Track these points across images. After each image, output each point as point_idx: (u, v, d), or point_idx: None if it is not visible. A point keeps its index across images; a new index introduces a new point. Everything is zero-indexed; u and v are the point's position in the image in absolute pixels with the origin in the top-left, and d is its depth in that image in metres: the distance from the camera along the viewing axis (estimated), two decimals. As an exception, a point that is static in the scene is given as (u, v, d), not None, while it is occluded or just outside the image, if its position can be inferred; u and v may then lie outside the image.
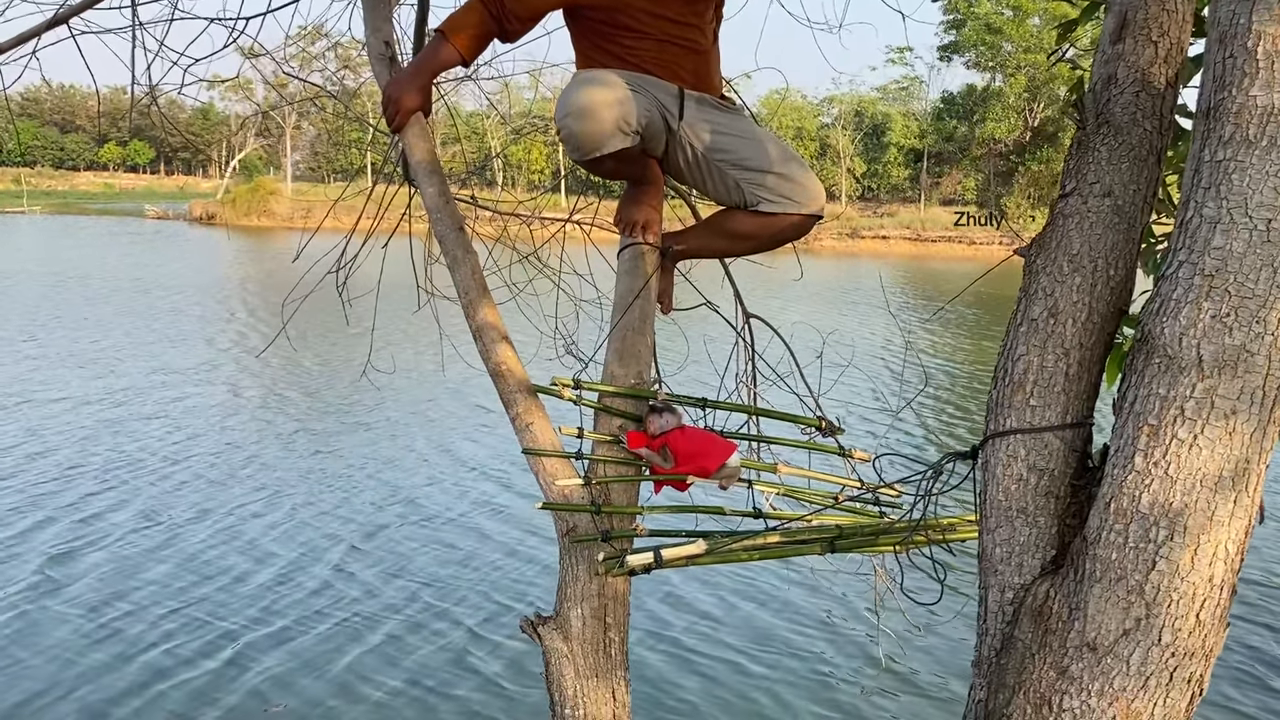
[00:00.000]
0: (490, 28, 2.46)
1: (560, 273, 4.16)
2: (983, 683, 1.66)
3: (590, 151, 2.38)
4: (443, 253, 2.61)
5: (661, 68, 2.51)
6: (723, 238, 2.66)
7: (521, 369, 2.40)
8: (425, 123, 2.81)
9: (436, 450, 12.23)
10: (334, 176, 75.12)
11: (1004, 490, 1.65)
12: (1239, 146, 1.38)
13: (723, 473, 2.31)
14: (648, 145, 2.51)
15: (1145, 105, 1.68)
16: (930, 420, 14.72)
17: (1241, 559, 1.45)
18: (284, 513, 9.89)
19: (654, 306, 2.64)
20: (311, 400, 14.56)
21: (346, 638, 7.31)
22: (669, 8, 2.47)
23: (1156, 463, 1.43)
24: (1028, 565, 1.62)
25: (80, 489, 10.24)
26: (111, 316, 21.42)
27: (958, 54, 61.53)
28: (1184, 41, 1.72)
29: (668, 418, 2.28)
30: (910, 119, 68.62)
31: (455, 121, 5.27)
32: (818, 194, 2.53)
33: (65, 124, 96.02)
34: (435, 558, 8.91)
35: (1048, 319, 1.64)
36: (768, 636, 7.62)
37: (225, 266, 33.54)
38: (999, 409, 1.68)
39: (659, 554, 2.14)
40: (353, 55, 4.95)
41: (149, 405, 13.79)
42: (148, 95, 3.48)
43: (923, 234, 55.20)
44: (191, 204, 61.96)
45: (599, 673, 2.19)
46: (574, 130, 2.36)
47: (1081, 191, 1.67)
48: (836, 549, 2.26)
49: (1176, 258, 1.44)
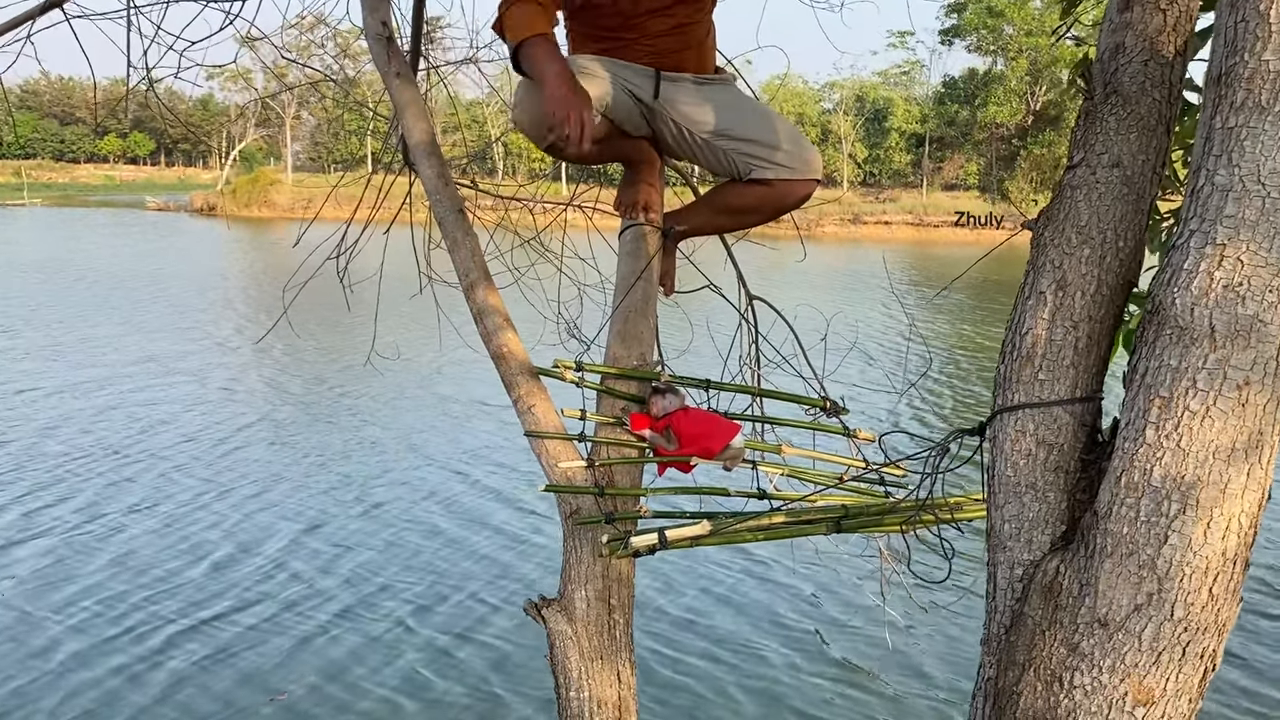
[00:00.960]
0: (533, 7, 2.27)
1: (562, 257, 4.13)
2: (992, 660, 1.64)
3: (541, 137, 2.34)
4: (443, 235, 2.59)
5: (637, 51, 2.47)
6: (724, 213, 2.64)
7: (523, 351, 2.38)
8: (424, 104, 2.78)
9: (438, 434, 12.24)
10: (335, 166, 74.99)
11: (1013, 465, 1.63)
12: (1251, 112, 1.35)
13: (726, 454, 2.29)
14: (623, 126, 2.48)
15: (1154, 74, 1.65)
16: (935, 400, 14.71)
17: (1255, 532, 1.43)
18: (283, 495, 9.90)
19: (656, 289, 2.62)
20: (311, 386, 14.56)
21: (349, 622, 7.32)
22: None
23: (1168, 435, 1.41)
24: (1037, 541, 1.60)
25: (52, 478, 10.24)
26: (109, 308, 21.42)
27: (959, 38, 61.38)
28: (1193, 9, 1.69)
29: (670, 399, 2.26)
30: (912, 104, 68.39)
31: (455, 109, 5.24)
32: (811, 158, 2.49)
33: (65, 116, 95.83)
34: (438, 541, 8.92)
35: (1056, 291, 1.62)
36: (773, 617, 7.62)
37: (224, 258, 33.53)
38: (1007, 384, 1.66)
39: (663, 535, 2.12)
40: (352, 43, 4.92)
41: (145, 393, 13.79)
42: (144, 80, 3.45)
43: (925, 219, 55.11)
44: (192, 195, 61.90)
45: (604, 654, 2.17)
46: (521, 121, 2.34)
47: (1089, 162, 1.64)
48: (843, 529, 2.24)
49: (1187, 227, 1.41)
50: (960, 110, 61.60)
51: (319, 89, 6.44)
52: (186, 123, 45.73)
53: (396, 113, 2.83)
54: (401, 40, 3.22)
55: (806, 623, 7.56)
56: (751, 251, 3.70)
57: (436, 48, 4.85)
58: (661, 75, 2.47)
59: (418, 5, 3.21)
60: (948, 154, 65.06)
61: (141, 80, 3.43)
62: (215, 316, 20.84)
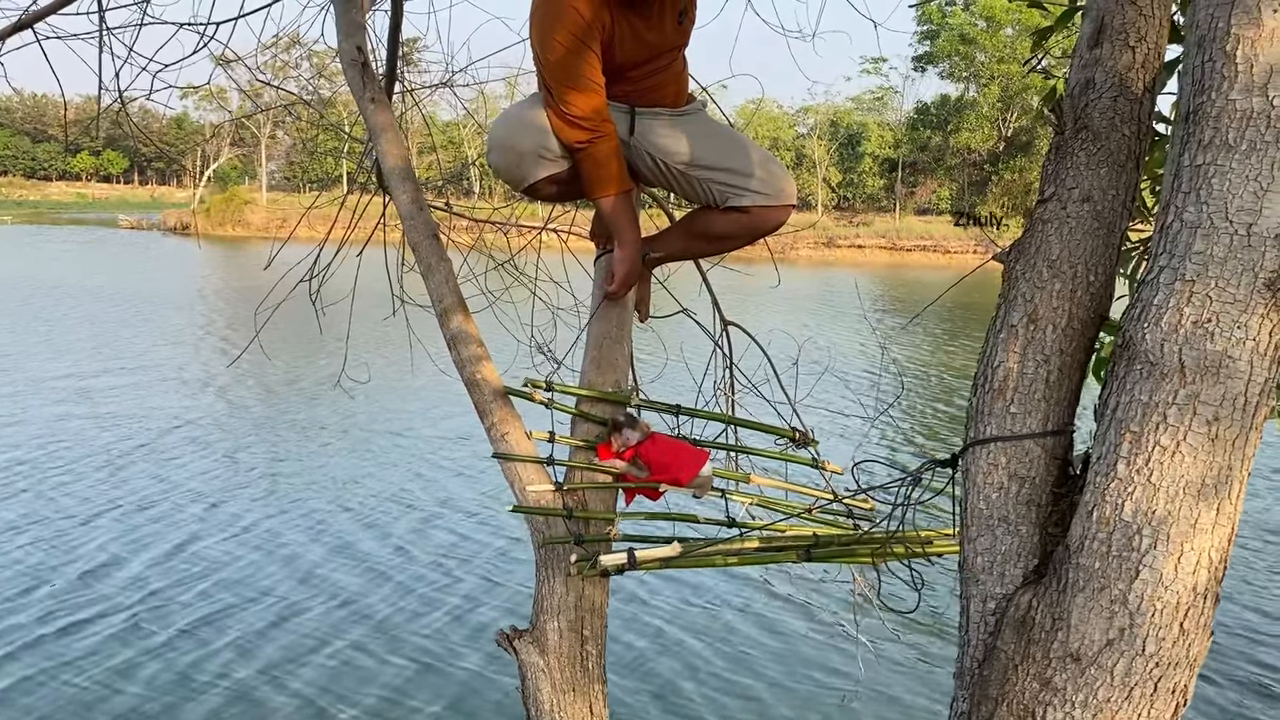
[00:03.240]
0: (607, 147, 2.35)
1: (536, 280, 4.13)
2: (965, 695, 1.64)
3: (518, 182, 2.39)
4: (417, 261, 2.58)
5: (615, 91, 2.47)
6: (699, 239, 2.64)
7: (497, 377, 2.37)
8: (398, 129, 2.78)
9: (411, 458, 12.15)
10: (310, 186, 74.69)
11: (985, 498, 1.63)
12: (1219, 150, 1.37)
13: (695, 483, 2.28)
14: None
15: (1123, 110, 1.67)
16: (909, 427, 14.77)
17: (1225, 567, 1.43)
18: (245, 520, 9.78)
19: (631, 314, 2.61)
20: (282, 409, 14.43)
21: (317, 650, 7.22)
22: (640, 54, 2.42)
23: (1139, 470, 1.41)
24: (1010, 575, 1.60)
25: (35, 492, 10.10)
26: (72, 325, 21.16)
27: (932, 64, 62.13)
28: (1161, 46, 1.71)
29: (629, 434, 2.25)
30: (885, 129, 69.04)
31: (431, 131, 5.23)
32: (784, 185, 2.50)
33: (37, 134, 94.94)
34: (409, 568, 8.83)
35: (1028, 325, 1.63)
36: (747, 645, 7.59)
37: (196, 276, 33.25)
38: (979, 416, 1.66)
39: (632, 554, 2.11)
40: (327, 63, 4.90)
41: (126, 412, 13.62)
42: (116, 101, 3.43)
43: (898, 243, 55.56)
44: (165, 213, 61.42)
45: (576, 686, 2.15)
46: (496, 164, 2.39)
47: (1060, 197, 1.66)
48: (813, 558, 2.24)
49: (1157, 263, 1.42)
50: (933, 136, 62.26)
51: (296, 110, 6.42)
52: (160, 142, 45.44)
53: (371, 137, 2.82)
54: (377, 63, 3.21)
55: (780, 653, 7.53)
56: (726, 276, 3.71)
57: (414, 70, 4.84)
58: (636, 112, 2.48)
59: (393, 29, 3.21)
60: (921, 179, 65.66)
61: (114, 101, 3.40)
62: (186, 337, 20.64)
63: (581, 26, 2.20)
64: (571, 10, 2.19)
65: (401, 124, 3.48)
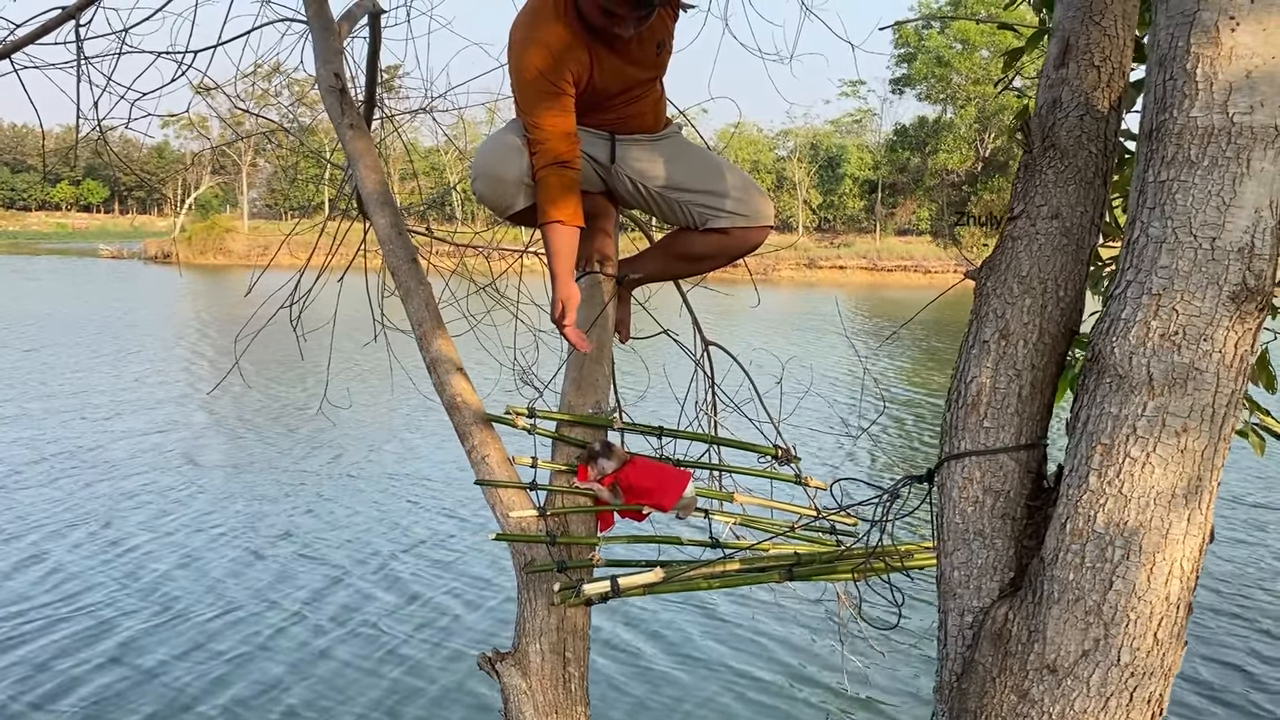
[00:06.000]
0: (567, 178, 2.33)
1: (518, 304, 4.14)
2: (944, 708, 1.65)
3: (503, 209, 2.43)
4: (396, 285, 2.59)
5: (595, 119, 2.50)
6: (679, 260, 2.67)
7: (478, 401, 2.38)
8: (376, 155, 2.79)
9: (393, 483, 12.08)
10: (291, 213, 74.52)
11: (961, 513, 1.64)
12: (1182, 167, 1.40)
13: (679, 505, 2.29)
14: (581, 186, 2.52)
15: (1090, 128, 1.70)
16: (890, 443, 14.80)
17: (1197, 576, 1.45)
18: (225, 544, 9.70)
19: (611, 336, 2.63)
20: (264, 435, 14.35)
21: (298, 674, 7.16)
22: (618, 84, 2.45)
23: (1110, 482, 1.43)
24: (986, 588, 1.62)
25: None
26: (55, 352, 21.03)
27: (910, 87, 62.69)
28: (1126, 66, 1.75)
29: (604, 463, 2.26)
30: (864, 151, 69.53)
31: (412, 157, 5.26)
32: (761, 206, 2.54)
33: (17, 164, 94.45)
34: (390, 591, 8.77)
35: (999, 341, 1.65)
36: (729, 666, 7.57)
37: (178, 305, 33.10)
38: (953, 431, 1.68)
39: (616, 582, 2.11)
40: (307, 91, 4.92)
41: (86, 442, 13.52)
42: (95, 130, 3.43)
43: (879, 263, 55.88)
44: (146, 243, 61.15)
45: (559, 709, 2.15)
46: (481, 192, 2.42)
47: (1030, 214, 1.68)
48: (795, 577, 2.25)
49: (1124, 277, 1.45)
50: (912, 157, 62.74)
51: (274, 137, 6.43)
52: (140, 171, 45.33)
53: (350, 163, 2.83)
54: (356, 90, 3.23)
55: (763, 671, 7.51)
56: (707, 297, 3.73)
57: (394, 96, 4.86)
58: (616, 139, 2.51)
59: (372, 56, 3.23)
60: (900, 199, 66.09)
61: (93, 130, 3.40)
62: (166, 365, 20.53)
63: (552, 59, 2.24)
64: (542, 46, 2.23)
65: (382, 150, 3.50)
